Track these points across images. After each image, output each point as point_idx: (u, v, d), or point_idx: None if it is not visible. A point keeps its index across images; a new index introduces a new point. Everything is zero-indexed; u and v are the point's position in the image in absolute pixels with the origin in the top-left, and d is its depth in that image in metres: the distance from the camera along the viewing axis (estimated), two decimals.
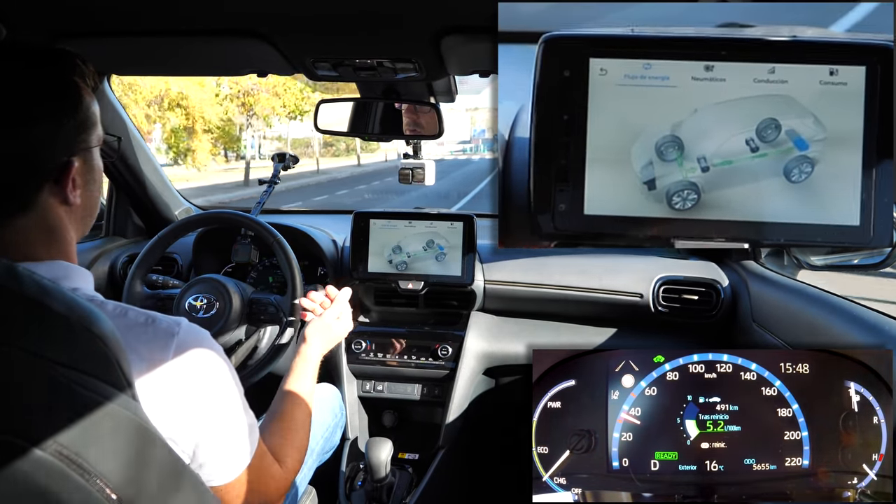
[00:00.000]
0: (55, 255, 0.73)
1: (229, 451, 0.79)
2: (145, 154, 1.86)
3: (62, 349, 0.52)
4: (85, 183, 0.76)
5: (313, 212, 2.61)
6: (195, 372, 0.73)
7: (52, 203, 0.72)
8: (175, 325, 0.73)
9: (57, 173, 0.72)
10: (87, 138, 0.75)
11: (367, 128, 1.64)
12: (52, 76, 0.72)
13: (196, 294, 1.48)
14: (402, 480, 1.65)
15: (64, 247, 0.75)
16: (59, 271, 0.72)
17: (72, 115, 0.72)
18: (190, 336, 0.74)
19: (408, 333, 1.78)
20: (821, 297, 1.30)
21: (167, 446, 0.62)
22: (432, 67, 1.30)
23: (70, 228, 0.76)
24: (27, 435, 0.49)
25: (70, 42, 1.25)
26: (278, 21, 1.14)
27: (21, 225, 0.70)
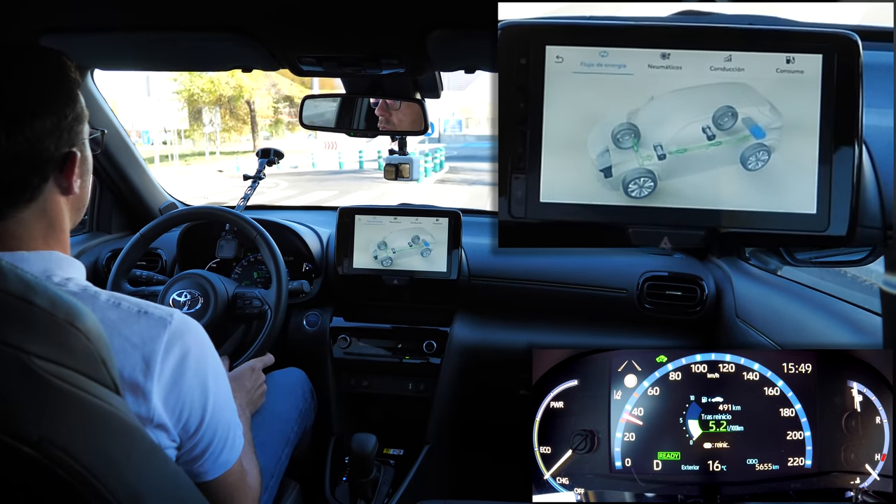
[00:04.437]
0: (53, 246, 0.75)
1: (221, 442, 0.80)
2: (129, 149, 1.85)
3: (45, 344, 0.52)
4: (82, 173, 0.79)
5: (298, 207, 2.62)
6: (188, 362, 0.74)
7: (54, 194, 0.75)
8: (168, 316, 0.74)
9: (61, 164, 0.74)
10: (82, 130, 0.78)
11: (352, 123, 1.65)
12: (50, 71, 0.75)
13: (180, 290, 1.48)
14: (386, 476, 1.65)
15: (61, 236, 0.77)
16: (53, 262, 0.74)
17: (71, 107, 0.75)
18: (182, 327, 0.75)
19: (393, 329, 1.78)
20: (805, 293, 1.30)
21: (151, 441, 0.63)
22: (418, 63, 1.30)
23: (67, 219, 0.78)
24: (11, 430, 0.49)
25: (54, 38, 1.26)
26: (263, 16, 1.14)
27: (24, 217, 0.72)
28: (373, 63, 1.31)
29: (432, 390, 1.71)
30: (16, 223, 0.72)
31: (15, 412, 0.50)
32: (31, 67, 0.74)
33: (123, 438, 0.58)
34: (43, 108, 0.72)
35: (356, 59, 1.30)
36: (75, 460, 0.52)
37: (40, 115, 0.71)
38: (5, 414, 0.50)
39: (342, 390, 1.79)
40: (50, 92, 0.74)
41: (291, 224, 1.81)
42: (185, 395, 0.74)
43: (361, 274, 1.76)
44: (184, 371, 0.73)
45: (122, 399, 0.60)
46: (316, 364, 1.78)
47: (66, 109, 0.74)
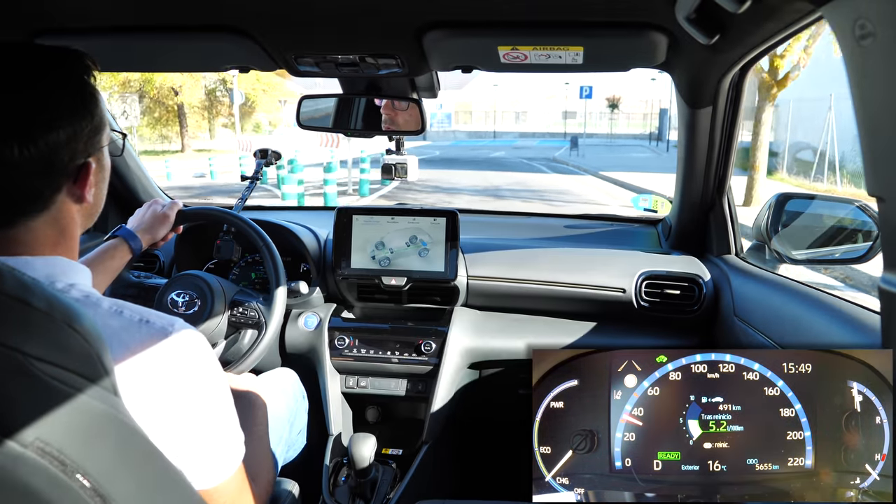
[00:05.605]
0: (60, 252, 0.74)
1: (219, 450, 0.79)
2: (126, 149, 1.85)
3: (43, 346, 0.52)
4: (97, 181, 0.78)
5: (296, 208, 2.62)
6: (188, 371, 0.73)
7: (66, 203, 0.73)
8: (169, 326, 0.74)
9: (75, 174, 0.73)
10: (101, 138, 0.77)
11: (349, 124, 1.65)
12: (70, 78, 0.73)
13: (178, 290, 1.48)
14: (385, 476, 1.65)
15: (70, 243, 0.76)
16: (57, 267, 0.73)
17: (90, 117, 0.73)
18: (184, 336, 0.74)
19: (391, 329, 1.78)
20: (803, 291, 1.30)
21: (150, 443, 0.62)
22: (415, 63, 1.30)
23: (77, 226, 0.77)
24: (8, 431, 0.49)
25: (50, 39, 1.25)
26: (261, 17, 1.14)
27: (34, 225, 0.71)
28: (370, 63, 1.31)
29: (431, 390, 1.71)
30: (25, 230, 0.70)
31: (12, 414, 0.50)
32: (49, 75, 0.71)
33: (122, 440, 0.58)
34: (58, 121, 0.69)
35: (353, 59, 1.29)
36: (73, 462, 0.52)
37: (55, 129, 0.69)
38: (2, 415, 0.49)
39: (340, 390, 1.79)
40: (68, 103, 0.71)
41: (289, 225, 1.81)
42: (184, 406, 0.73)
43: (359, 274, 1.75)
44: (183, 382, 0.73)
45: (121, 401, 0.59)
46: (314, 364, 1.78)
47: (84, 122, 0.72)
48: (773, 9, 0.92)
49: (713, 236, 1.70)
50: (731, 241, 1.67)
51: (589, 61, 1.24)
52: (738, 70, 1.31)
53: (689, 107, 1.45)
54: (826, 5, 0.66)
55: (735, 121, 1.48)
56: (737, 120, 1.48)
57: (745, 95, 1.46)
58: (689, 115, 1.47)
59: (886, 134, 0.61)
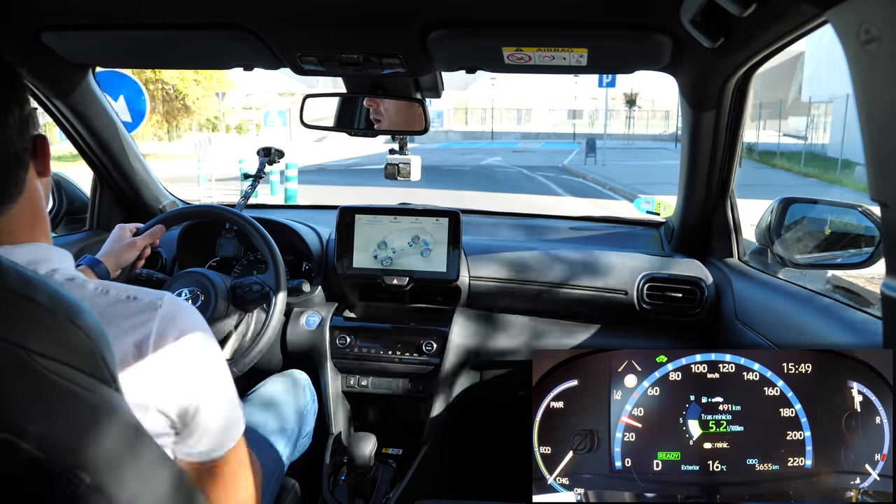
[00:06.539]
0: (38, 236, 0.75)
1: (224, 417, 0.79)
2: (130, 147, 1.85)
3: (45, 341, 0.52)
4: None
5: (298, 207, 2.62)
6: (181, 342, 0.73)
7: (34, 181, 0.74)
8: (158, 299, 0.73)
9: (34, 149, 0.74)
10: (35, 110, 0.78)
11: (352, 123, 1.65)
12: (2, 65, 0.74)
13: (180, 288, 1.49)
14: (385, 475, 1.65)
15: (44, 224, 0.77)
16: (40, 253, 0.73)
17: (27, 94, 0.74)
18: (173, 309, 0.74)
19: (392, 329, 1.78)
20: (804, 295, 1.30)
21: (151, 439, 0.62)
22: (418, 63, 1.30)
23: (44, 203, 0.78)
24: (11, 427, 0.49)
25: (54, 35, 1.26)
26: (265, 15, 1.14)
27: (15, 212, 0.71)
28: (374, 63, 1.31)
29: (431, 390, 1.71)
30: (7, 219, 0.71)
31: (15, 409, 0.50)
32: None
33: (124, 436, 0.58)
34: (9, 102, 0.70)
35: (357, 58, 1.30)
36: (75, 458, 0.52)
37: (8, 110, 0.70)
38: (5, 411, 0.49)
39: (341, 389, 1.79)
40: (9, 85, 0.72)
41: (291, 223, 1.81)
42: (181, 378, 0.73)
43: (361, 273, 1.76)
44: (178, 354, 0.72)
45: (122, 396, 0.59)
46: (315, 363, 1.78)
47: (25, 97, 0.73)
48: (777, 13, 0.93)
49: (715, 239, 1.70)
50: (733, 245, 1.67)
51: (593, 63, 1.25)
52: (743, 73, 1.31)
53: (692, 109, 1.45)
54: (831, 10, 0.66)
55: (739, 124, 1.48)
56: (741, 123, 1.48)
57: None
58: (693, 118, 1.47)
59: (891, 139, 0.61)
